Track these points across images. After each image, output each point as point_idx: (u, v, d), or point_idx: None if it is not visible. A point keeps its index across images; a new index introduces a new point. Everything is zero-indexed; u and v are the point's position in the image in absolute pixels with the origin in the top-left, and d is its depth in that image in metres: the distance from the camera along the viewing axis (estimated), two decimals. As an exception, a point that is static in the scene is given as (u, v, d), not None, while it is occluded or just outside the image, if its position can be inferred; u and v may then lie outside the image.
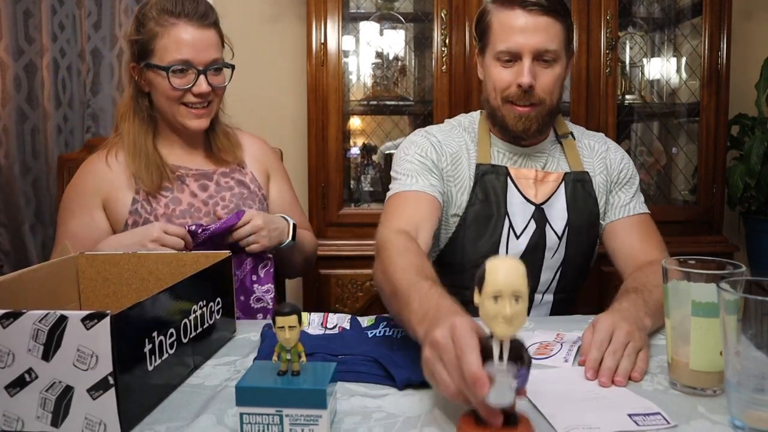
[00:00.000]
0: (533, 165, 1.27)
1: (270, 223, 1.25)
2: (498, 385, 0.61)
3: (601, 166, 1.30)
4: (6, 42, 2.08)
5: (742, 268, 0.76)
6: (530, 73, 1.16)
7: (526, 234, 1.23)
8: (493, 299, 0.60)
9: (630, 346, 0.86)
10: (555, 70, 1.19)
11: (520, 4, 1.16)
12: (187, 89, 1.25)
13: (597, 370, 0.84)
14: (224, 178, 1.35)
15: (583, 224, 1.26)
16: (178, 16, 1.23)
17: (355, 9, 2.17)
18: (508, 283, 0.59)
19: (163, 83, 1.24)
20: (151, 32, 1.23)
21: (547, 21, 1.16)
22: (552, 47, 1.16)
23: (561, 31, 1.18)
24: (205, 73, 1.25)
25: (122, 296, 1.03)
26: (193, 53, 1.23)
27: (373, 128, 2.28)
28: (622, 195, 1.29)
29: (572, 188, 1.25)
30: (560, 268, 1.27)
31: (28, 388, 0.67)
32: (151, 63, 1.24)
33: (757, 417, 0.65)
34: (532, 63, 1.16)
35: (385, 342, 0.93)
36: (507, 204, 1.23)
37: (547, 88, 1.19)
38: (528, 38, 1.15)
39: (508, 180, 1.24)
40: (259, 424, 0.65)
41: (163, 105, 1.28)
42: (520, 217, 1.23)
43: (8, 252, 2.15)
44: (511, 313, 0.60)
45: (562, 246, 1.25)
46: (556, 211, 1.24)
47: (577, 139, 1.32)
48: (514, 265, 0.61)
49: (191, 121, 1.28)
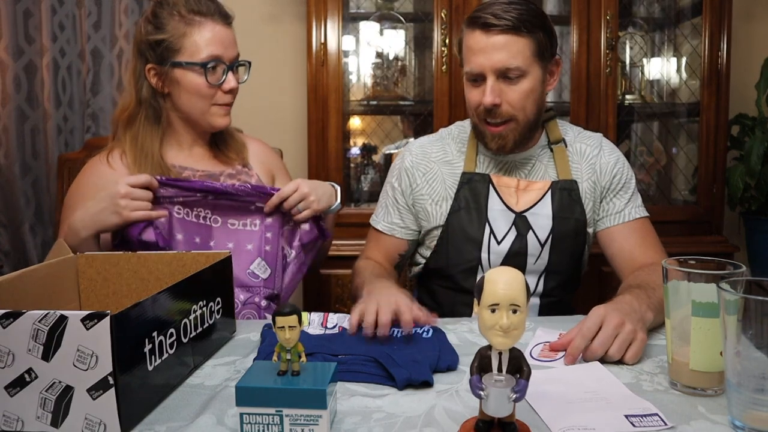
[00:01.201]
0: (517, 173, 1.29)
1: (318, 188, 1.25)
2: (496, 396, 0.61)
3: (589, 172, 1.29)
4: (6, 42, 2.07)
5: (742, 268, 0.76)
6: (492, 92, 1.18)
7: (507, 240, 1.26)
8: (491, 310, 0.60)
9: (619, 338, 0.87)
10: (522, 85, 1.19)
11: (480, 25, 1.18)
12: (219, 85, 1.27)
13: (576, 357, 0.87)
14: (231, 179, 1.35)
15: (569, 232, 1.27)
16: (204, 15, 1.25)
17: (355, 9, 2.17)
18: (506, 295, 0.60)
19: (195, 80, 1.25)
20: (177, 31, 1.24)
21: (507, 39, 1.16)
22: (514, 64, 1.17)
23: (526, 46, 1.18)
24: (232, 68, 1.28)
25: (122, 296, 1.03)
26: (223, 49, 1.25)
27: (373, 128, 2.29)
28: (617, 201, 1.29)
29: (559, 197, 1.26)
30: (544, 273, 1.29)
31: (28, 388, 0.67)
32: (180, 61, 1.24)
33: (758, 417, 0.65)
34: (496, 81, 1.18)
35: (384, 342, 0.93)
36: (488, 210, 1.27)
37: (515, 104, 1.20)
38: (487, 58, 1.17)
39: (490, 187, 1.27)
40: (259, 424, 0.65)
41: (192, 104, 1.28)
42: (501, 223, 1.26)
43: (8, 252, 2.15)
44: (508, 324, 0.60)
45: (545, 252, 1.27)
46: (540, 218, 1.26)
47: (569, 144, 1.32)
48: (513, 276, 0.61)
49: (220, 119, 1.30)
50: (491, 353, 0.63)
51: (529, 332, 1.00)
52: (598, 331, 0.87)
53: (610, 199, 1.29)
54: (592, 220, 1.30)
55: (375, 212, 1.41)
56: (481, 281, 0.61)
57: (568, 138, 1.32)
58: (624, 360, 0.87)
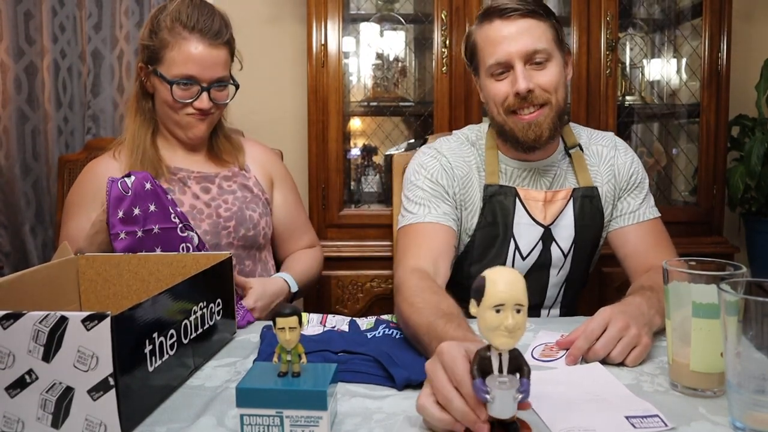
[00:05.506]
0: (542, 183, 1.24)
1: (263, 298, 1.18)
2: (501, 398, 0.61)
3: (608, 174, 1.26)
4: (6, 43, 2.08)
5: (743, 269, 0.76)
6: (525, 77, 1.13)
7: (532, 255, 1.23)
8: (495, 311, 0.59)
9: (623, 341, 0.86)
10: (551, 68, 1.15)
11: (498, 14, 1.15)
12: (189, 103, 1.26)
13: (578, 358, 0.86)
14: (227, 182, 1.35)
15: (589, 240, 1.25)
16: (192, 30, 1.23)
17: (355, 10, 2.17)
18: (511, 295, 0.59)
19: (165, 93, 1.25)
20: (163, 41, 1.24)
21: (529, 23, 1.14)
22: (540, 46, 1.14)
23: (547, 30, 1.15)
24: (208, 89, 1.25)
25: (122, 297, 1.03)
26: (199, 70, 1.24)
27: (374, 129, 2.29)
28: (631, 200, 1.26)
29: (580, 205, 1.23)
30: (564, 283, 1.27)
31: (28, 390, 0.67)
32: (158, 71, 1.25)
33: (758, 418, 0.65)
34: (524, 68, 1.14)
35: (384, 342, 0.93)
36: (514, 225, 1.22)
37: (548, 87, 1.15)
38: (513, 44, 1.13)
39: (516, 201, 1.22)
40: (260, 426, 0.65)
41: (164, 111, 1.30)
42: (526, 238, 1.22)
43: (8, 253, 2.15)
44: (514, 324, 0.59)
45: (568, 262, 1.24)
46: (563, 229, 1.23)
47: (585, 147, 1.28)
48: (514, 276, 0.61)
49: (189, 131, 1.30)
50: (491, 354, 0.62)
51: (529, 333, 1.00)
52: (603, 333, 0.87)
53: (624, 198, 1.26)
54: (608, 222, 1.27)
55: (407, 213, 1.21)
56: (482, 282, 0.61)
57: (582, 141, 1.29)
58: (625, 363, 0.87)
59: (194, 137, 1.31)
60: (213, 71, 1.25)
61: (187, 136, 1.31)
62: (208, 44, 1.24)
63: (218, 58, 1.25)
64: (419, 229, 1.16)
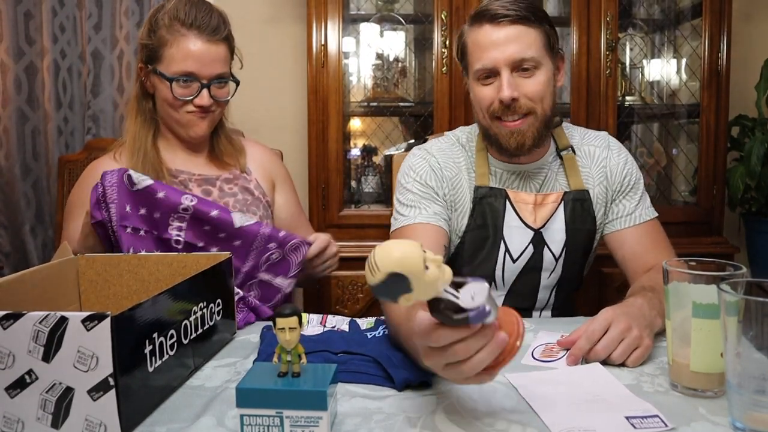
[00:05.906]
0: (531, 186, 1.24)
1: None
2: (479, 291, 0.61)
3: (600, 176, 1.25)
4: (6, 43, 2.08)
5: (743, 269, 0.76)
6: (510, 85, 1.12)
7: (523, 257, 1.22)
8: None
9: (624, 342, 0.86)
10: (538, 77, 1.14)
11: (488, 19, 1.14)
12: (189, 100, 1.26)
13: (579, 358, 0.86)
14: (228, 184, 1.35)
15: (581, 243, 1.25)
16: (189, 27, 1.23)
17: (355, 10, 2.17)
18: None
19: (165, 91, 1.25)
20: (162, 39, 1.24)
21: (519, 30, 1.13)
22: (528, 55, 1.13)
23: (538, 37, 1.14)
24: (208, 86, 1.25)
25: (122, 297, 1.03)
26: (199, 66, 1.24)
27: (374, 129, 2.29)
28: (627, 203, 1.25)
29: (571, 208, 1.22)
30: (556, 287, 1.27)
31: (28, 390, 0.67)
32: (157, 69, 1.25)
33: (758, 419, 0.65)
34: (511, 75, 1.13)
35: (384, 342, 0.93)
36: (504, 228, 1.22)
37: (534, 96, 1.14)
38: (501, 51, 1.12)
39: (506, 203, 1.22)
40: (260, 426, 0.65)
41: (165, 110, 1.30)
42: (517, 241, 1.22)
43: (8, 253, 2.16)
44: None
45: (559, 266, 1.24)
46: (554, 232, 1.22)
47: (577, 147, 1.27)
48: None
49: (190, 129, 1.29)
50: (445, 297, 0.61)
51: (529, 333, 1.00)
52: (604, 334, 0.87)
53: (620, 200, 1.25)
54: (601, 224, 1.26)
55: (398, 216, 1.22)
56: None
57: (574, 141, 1.28)
58: (625, 364, 0.87)
59: (195, 135, 1.30)
60: (212, 67, 1.25)
61: (189, 135, 1.30)
62: (207, 40, 1.24)
63: (217, 54, 1.25)
64: (410, 230, 1.18)
